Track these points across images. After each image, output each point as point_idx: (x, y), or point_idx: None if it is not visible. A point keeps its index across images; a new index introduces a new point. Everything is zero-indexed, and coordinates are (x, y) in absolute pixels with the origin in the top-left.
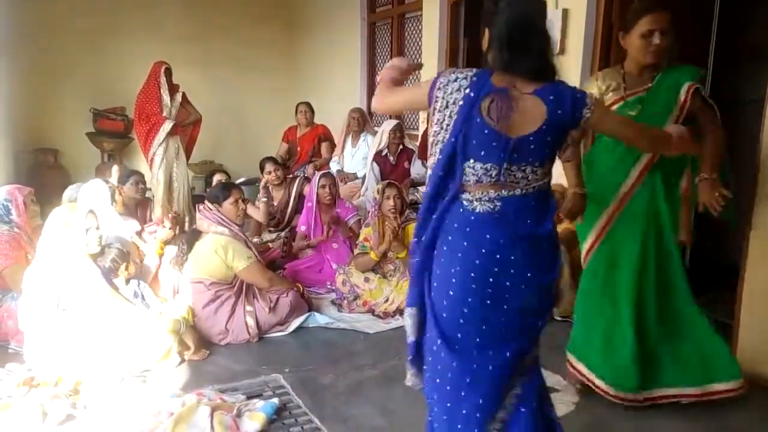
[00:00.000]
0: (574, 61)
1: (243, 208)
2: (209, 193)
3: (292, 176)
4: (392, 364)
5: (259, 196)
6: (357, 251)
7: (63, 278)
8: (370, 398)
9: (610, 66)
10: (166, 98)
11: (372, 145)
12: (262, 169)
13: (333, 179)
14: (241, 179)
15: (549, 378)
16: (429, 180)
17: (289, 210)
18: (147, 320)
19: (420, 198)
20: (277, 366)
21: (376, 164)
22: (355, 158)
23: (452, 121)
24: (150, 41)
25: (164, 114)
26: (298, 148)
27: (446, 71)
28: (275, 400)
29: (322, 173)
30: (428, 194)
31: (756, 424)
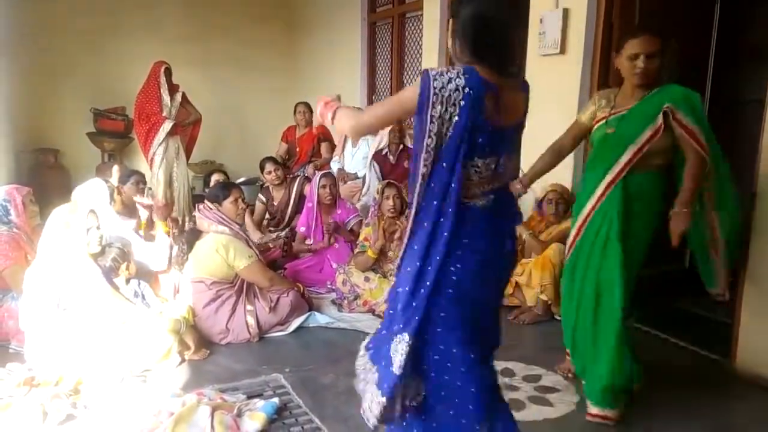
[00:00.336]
0: (575, 61)
1: (243, 207)
2: (209, 193)
3: (293, 176)
4: None
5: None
6: (357, 251)
7: (63, 278)
8: None
9: (610, 66)
10: (166, 98)
11: (372, 145)
12: (262, 169)
13: (333, 179)
14: (241, 179)
15: (549, 378)
16: (433, 185)
17: (290, 210)
18: (147, 320)
19: None
20: (278, 366)
21: (376, 163)
22: (356, 158)
23: (453, 123)
24: (150, 41)
25: (164, 114)
26: (298, 149)
27: (434, 72)
28: (276, 400)
29: (323, 173)
30: (434, 198)
31: (756, 424)
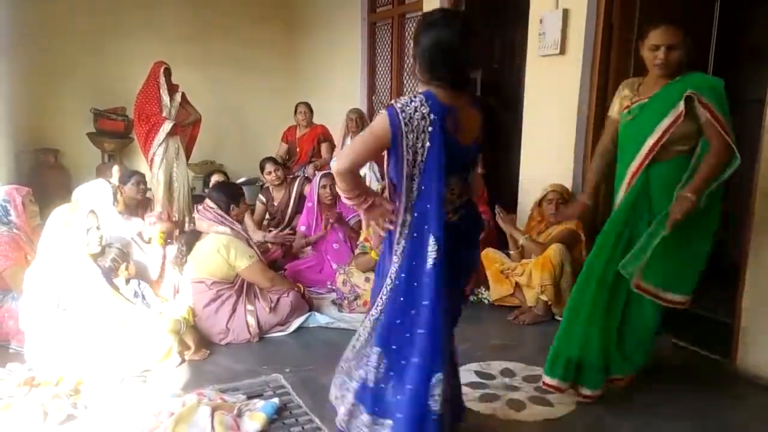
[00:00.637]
0: (575, 62)
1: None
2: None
3: (293, 176)
4: None
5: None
6: (357, 251)
7: (63, 278)
8: None
9: (611, 66)
10: (166, 98)
11: None
12: (262, 170)
13: (333, 179)
14: (241, 179)
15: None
16: (417, 208)
17: (290, 210)
18: (147, 320)
19: None
20: (278, 366)
21: (375, 163)
22: None
23: (427, 149)
24: (150, 41)
25: (164, 114)
26: (298, 149)
27: (399, 105)
28: (276, 400)
29: (323, 173)
30: (415, 224)
31: (756, 424)
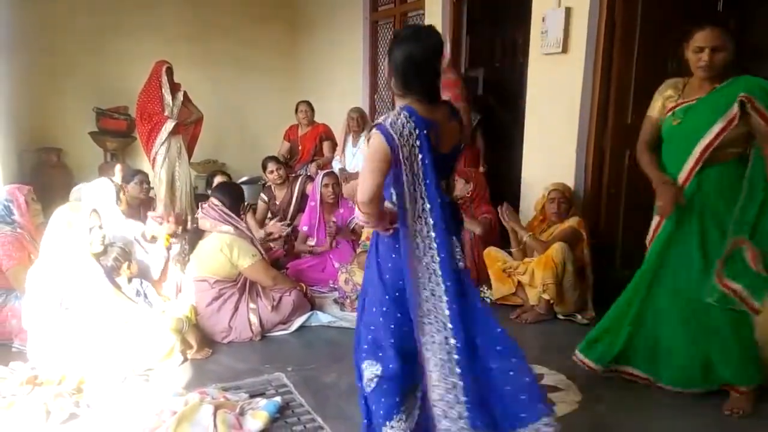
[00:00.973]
0: (577, 60)
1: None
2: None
3: (295, 175)
4: None
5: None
6: (359, 250)
7: (66, 277)
8: None
9: (613, 65)
10: (168, 97)
11: None
12: (265, 168)
13: (336, 178)
14: (244, 178)
15: (551, 377)
16: (421, 211)
17: (292, 209)
18: (150, 319)
19: None
20: (280, 364)
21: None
22: (356, 158)
23: (419, 159)
24: (151, 41)
25: (166, 113)
26: (300, 147)
27: (388, 122)
28: (278, 399)
29: (326, 172)
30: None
31: (756, 424)
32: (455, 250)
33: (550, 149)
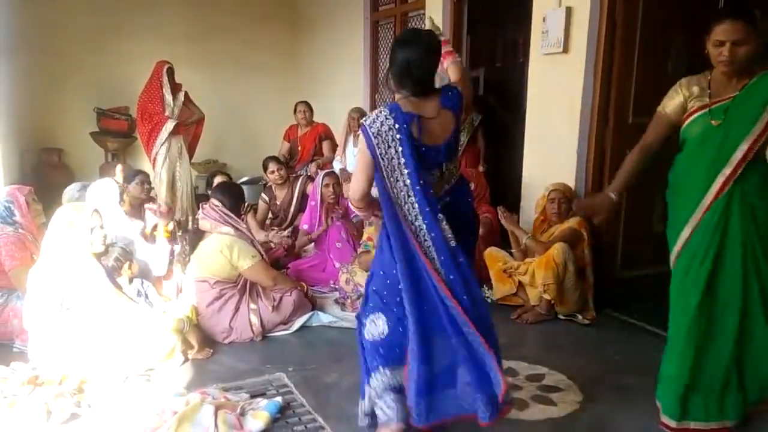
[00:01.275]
0: (578, 60)
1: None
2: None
3: (295, 175)
4: None
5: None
6: (360, 250)
7: (67, 277)
8: None
9: (614, 65)
10: (169, 97)
11: None
12: (265, 169)
13: (337, 178)
14: (244, 178)
15: (551, 377)
16: (412, 207)
17: (292, 209)
18: (151, 319)
19: None
20: (281, 365)
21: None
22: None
23: (399, 154)
24: (152, 41)
25: (167, 113)
26: (300, 147)
27: (368, 122)
28: (279, 399)
29: (326, 172)
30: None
31: (756, 424)
32: (446, 233)
33: (551, 149)
